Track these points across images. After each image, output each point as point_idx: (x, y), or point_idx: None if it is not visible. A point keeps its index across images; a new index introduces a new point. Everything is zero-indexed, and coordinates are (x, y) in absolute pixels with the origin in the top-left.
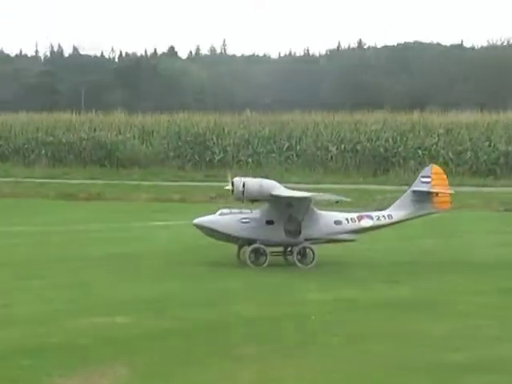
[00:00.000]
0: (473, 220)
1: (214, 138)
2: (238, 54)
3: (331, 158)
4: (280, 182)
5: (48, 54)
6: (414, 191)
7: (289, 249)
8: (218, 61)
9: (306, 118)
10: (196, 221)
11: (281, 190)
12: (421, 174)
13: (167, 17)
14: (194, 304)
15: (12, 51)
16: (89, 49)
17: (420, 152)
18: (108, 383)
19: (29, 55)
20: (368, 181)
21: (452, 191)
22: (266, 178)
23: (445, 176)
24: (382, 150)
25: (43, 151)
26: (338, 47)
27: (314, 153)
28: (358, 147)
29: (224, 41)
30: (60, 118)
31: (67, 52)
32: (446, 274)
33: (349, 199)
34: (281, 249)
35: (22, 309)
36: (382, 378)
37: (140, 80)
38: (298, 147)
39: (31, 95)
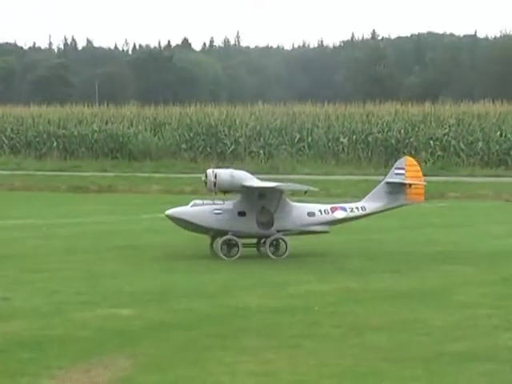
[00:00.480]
0: (483, 210)
1: (226, 130)
2: (252, 46)
3: (343, 149)
4: (291, 173)
5: (61, 46)
6: (388, 183)
7: (262, 240)
8: (231, 53)
9: (317, 109)
10: (168, 212)
11: (252, 181)
12: (394, 166)
13: (181, 8)
14: (195, 296)
15: (25, 44)
16: (102, 41)
17: (431, 143)
18: (109, 375)
19: (42, 48)
20: (380, 172)
21: (425, 183)
22: (277, 169)
23: (419, 168)
24: (393, 141)
25: (55, 144)
26: (352, 38)
27: (325, 144)
28: (370, 138)
29: (238, 32)
30: (72, 111)
31: (81, 44)
32: (450, 264)
33: (316, 189)
34: (254, 240)
35: (24, 302)
36: (376, 370)
37: (154, 72)
38: (309, 139)
39: (44, 88)
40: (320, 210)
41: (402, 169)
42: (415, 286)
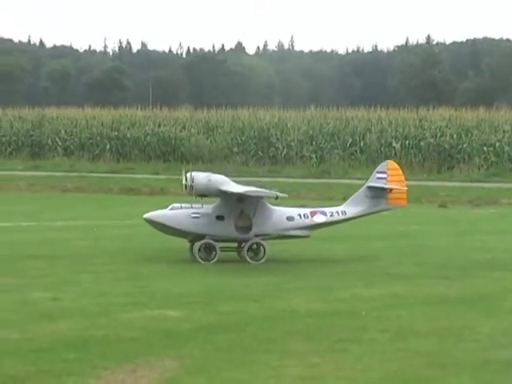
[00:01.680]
0: None
1: (278, 134)
2: (306, 50)
3: (395, 154)
4: (343, 177)
5: (116, 49)
6: (369, 187)
7: (242, 245)
8: (285, 57)
9: (370, 113)
10: (146, 215)
11: (230, 185)
12: (376, 170)
13: (235, 12)
14: (242, 298)
15: (81, 47)
16: (157, 44)
17: (485, 149)
18: (155, 376)
19: (97, 51)
20: (432, 177)
21: (406, 188)
22: (329, 174)
23: (401, 172)
24: (446, 146)
25: (108, 146)
26: (406, 43)
27: (377, 149)
28: (422, 143)
29: (292, 37)
30: (125, 114)
31: (135, 48)
32: (501, 271)
33: (286, 195)
34: (234, 245)
35: (72, 302)
36: (421, 375)
37: (207, 75)
38: (361, 143)
39: (99, 90)
40: (299, 215)
41: (384, 173)
42: (464, 292)
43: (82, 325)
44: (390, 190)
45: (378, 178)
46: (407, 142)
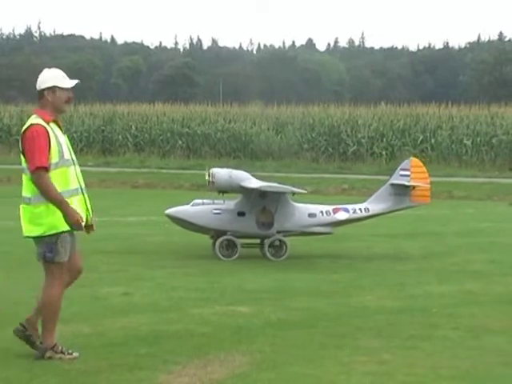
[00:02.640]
0: None
1: (349, 130)
2: (377, 47)
3: (466, 151)
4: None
5: (187, 46)
6: (392, 184)
7: (264, 241)
8: (356, 53)
9: (441, 110)
10: (168, 211)
11: (251, 182)
12: (400, 167)
13: (306, 8)
14: (312, 295)
15: (152, 43)
16: (227, 41)
17: None
18: (226, 372)
19: (168, 47)
20: (504, 175)
21: (429, 185)
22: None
23: (424, 169)
24: None
25: (179, 142)
26: (478, 40)
27: (448, 146)
28: (494, 141)
29: (362, 33)
30: (195, 110)
31: (206, 44)
32: None
33: (305, 191)
34: (256, 241)
35: (144, 297)
36: (494, 373)
37: (278, 72)
38: (432, 140)
39: (170, 87)
40: (322, 211)
41: (407, 170)
42: None
43: (154, 320)
44: (413, 187)
45: (402, 175)
46: (479, 139)
